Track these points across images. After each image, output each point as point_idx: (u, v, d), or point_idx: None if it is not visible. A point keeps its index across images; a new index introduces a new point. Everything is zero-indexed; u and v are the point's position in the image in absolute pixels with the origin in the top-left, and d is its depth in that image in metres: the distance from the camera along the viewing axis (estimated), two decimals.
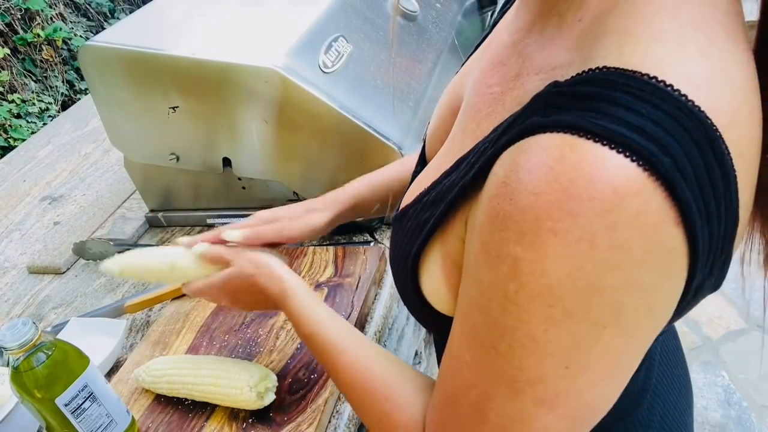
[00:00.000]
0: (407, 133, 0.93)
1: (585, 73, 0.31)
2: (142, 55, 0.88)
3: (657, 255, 0.29)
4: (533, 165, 0.30)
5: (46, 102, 3.17)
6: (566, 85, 0.32)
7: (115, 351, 0.81)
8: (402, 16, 1.12)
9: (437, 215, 0.40)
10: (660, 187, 0.28)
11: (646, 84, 0.29)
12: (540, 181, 0.29)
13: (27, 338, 0.57)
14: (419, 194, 0.45)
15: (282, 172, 0.97)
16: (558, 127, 0.30)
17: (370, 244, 0.95)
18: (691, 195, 0.28)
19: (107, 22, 3.76)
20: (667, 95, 0.29)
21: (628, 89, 0.29)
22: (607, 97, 0.29)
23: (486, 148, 0.37)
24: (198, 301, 0.88)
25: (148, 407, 0.71)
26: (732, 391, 1.80)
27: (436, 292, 0.42)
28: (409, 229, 0.44)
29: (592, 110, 0.29)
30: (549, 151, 0.30)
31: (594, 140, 0.28)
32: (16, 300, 1.01)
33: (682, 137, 0.28)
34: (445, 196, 0.40)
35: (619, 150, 0.28)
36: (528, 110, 0.34)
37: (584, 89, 0.31)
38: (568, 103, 0.31)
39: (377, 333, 0.82)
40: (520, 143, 0.32)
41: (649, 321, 0.32)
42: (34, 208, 1.28)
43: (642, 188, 0.28)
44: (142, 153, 1.02)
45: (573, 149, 0.29)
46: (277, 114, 0.88)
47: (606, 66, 0.30)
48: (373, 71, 0.97)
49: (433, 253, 0.42)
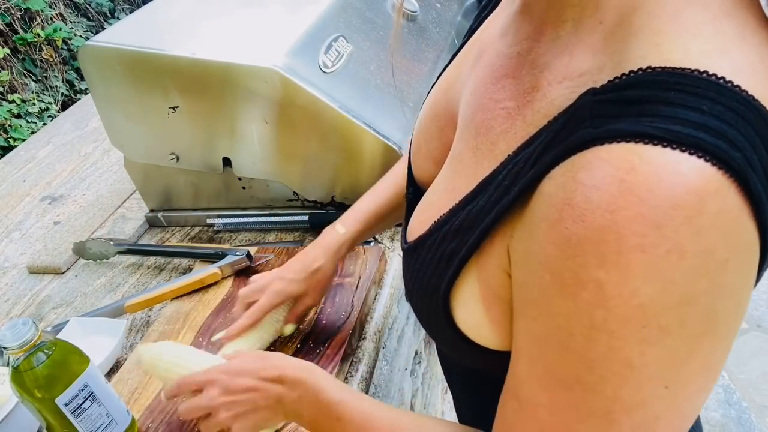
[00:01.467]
0: (407, 133, 0.93)
1: (625, 76, 0.30)
2: (142, 55, 0.88)
3: (738, 252, 0.28)
4: (600, 180, 0.28)
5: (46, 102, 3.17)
6: (608, 91, 0.31)
7: (115, 351, 0.81)
8: (402, 16, 1.12)
9: (470, 244, 0.38)
10: (734, 183, 0.27)
11: (699, 79, 0.28)
12: (613, 196, 0.28)
13: (27, 338, 0.57)
14: (436, 222, 0.42)
15: (282, 172, 0.97)
16: (616, 136, 0.28)
17: (370, 244, 0.95)
18: (761, 187, 0.28)
19: (107, 22, 3.76)
20: (722, 88, 0.28)
21: (680, 87, 0.28)
22: (661, 98, 0.28)
23: (522, 168, 0.35)
24: (198, 300, 0.88)
25: (148, 407, 0.71)
26: (732, 391, 1.80)
27: (475, 325, 0.40)
28: (431, 260, 0.41)
29: (648, 114, 0.28)
30: (615, 164, 0.28)
31: (662, 145, 0.27)
32: (16, 300, 1.01)
33: (746, 129, 0.27)
34: (475, 222, 0.38)
35: (690, 152, 0.27)
36: (571, 122, 0.32)
37: (632, 93, 0.29)
38: (618, 111, 0.29)
39: (377, 333, 0.82)
40: (574, 159, 0.30)
41: (738, 319, 0.31)
42: (34, 208, 1.28)
43: (719, 187, 0.27)
44: (142, 153, 1.02)
45: (641, 158, 0.27)
46: (277, 114, 0.89)
47: (650, 66, 0.29)
48: (373, 71, 0.97)
49: (467, 284, 0.39)
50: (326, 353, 0.73)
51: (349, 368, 0.76)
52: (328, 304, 0.81)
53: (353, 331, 0.77)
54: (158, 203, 1.12)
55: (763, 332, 1.96)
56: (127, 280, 1.00)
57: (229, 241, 1.04)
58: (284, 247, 0.96)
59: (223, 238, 1.06)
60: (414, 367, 1.14)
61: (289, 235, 1.03)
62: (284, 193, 1.01)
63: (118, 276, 1.01)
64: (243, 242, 1.03)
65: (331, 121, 0.87)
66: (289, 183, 0.99)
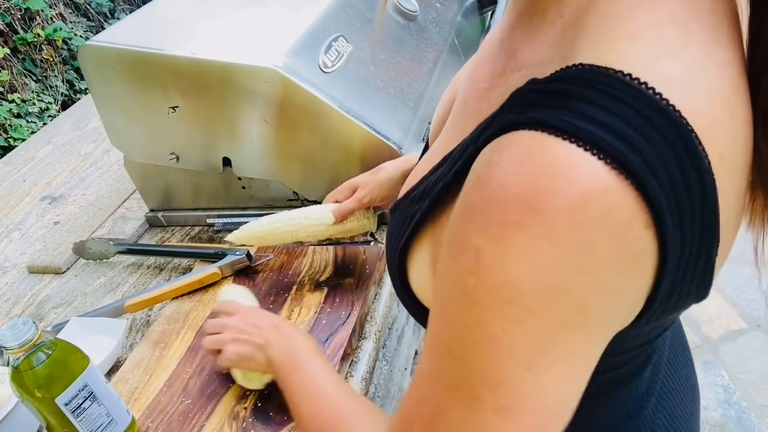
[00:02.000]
0: (407, 132, 0.93)
1: (562, 71, 0.31)
2: (142, 55, 0.88)
3: (623, 255, 0.28)
4: (504, 159, 0.30)
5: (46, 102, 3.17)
6: (543, 83, 0.32)
7: (115, 351, 0.81)
8: (402, 15, 1.13)
9: (423, 210, 0.40)
10: (630, 187, 0.27)
11: (618, 81, 0.28)
12: (508, 174, 0.29)
13: (27, 338, 0.57)
14: (409, 189, 0.45)
15: (282, 172, 0.97)
16: (530, 124, 0.29)
17: (370, 244, 0.95)
18: (663, 196, 0.28)
19: (107, 22, 3.76)
20: (639, 93, 0.28)
21: (599, 86, 0.29)
22: (578, 94, 0.29)
23: (468, 145, 0.37)
24: (198, 300, 0.88)
25: (148, 407, 0.71)
26: (732, 391, 1.80)
27: (422, 286, 0.42)
28: (399, 222, 0.44)
29: (564, 107, 0.29)
30: (519, 147, 0.29)
31: (562, 138, 0.28)
32: (16, 300, 1.01)
33: (654, 136, 0.28)
34: (431, 191, 0.40)
35: (586, 148, 0.27)
36: (506, 107, 0.34)
37: (557, 86, 0.30)
38: (542, 100, 0.30)
39: (377, 333, 0.82)
40: (497, 140, 0.31)
41: (608, 319, 0.31)
42: (34, 208, 1.28)
43: (609, 187, 0.27)
44: (142, 153, 1.02)
45: (541, 146, 0.28)
46: (277, 114, 0.89)
47: (582, 63, 0.30)
48: (373, 71, 0.97)
49: (422, 248, 0.41)
50: (326, 353, 0.73)
51: (349, 368, 0.76)
52: (328, 304, 0.81)
53: (353, 331, 0.77)
54: (158, 203, 1.12)
55: (763, 332, 1.96)
56: (127, 280, 1.00)
57: None
58: (284, 247, 0.96)
59: (223, 238, 1.06)
60: (414, 367, 1.14)
61: None
62: (284, 193, 1.01)
63: (118, 276, 1.01)
64: None
65: (331, 121, 0.87)
66: (289, 183, 0.99)
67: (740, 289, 2.06)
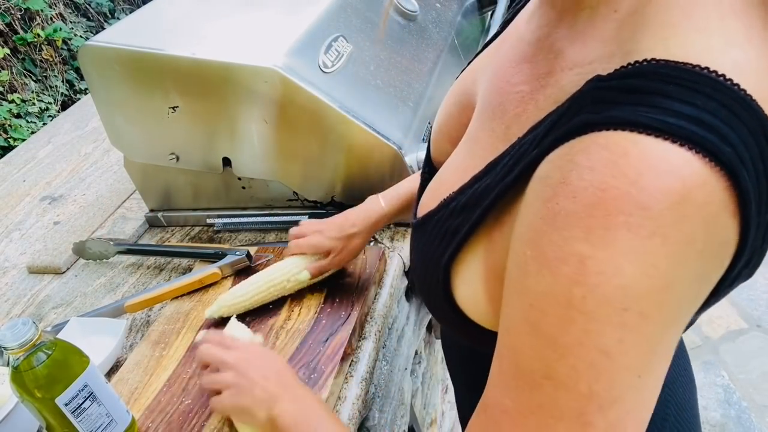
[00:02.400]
0: (407, 133, 0.93)
1: (631, 66, 0.31)
2: (142, 55, 0.88)
3: (713, 246, 0.29)
4: (595, 162, 0.29)
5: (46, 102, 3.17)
6: (612, 79, 0.31)
7: (115, 351, 0.81)
8: (402, 15, 1.12)
9: (473, 221, 0.38)
10: (723, 178, 0.27)
11: (698, 75, 0.29)
12: (605, 176, 0.28)
13: (27, 338, 0.57)
14: (445, 199, 0.43)
15: (282, 172, 0.97)
16: (613, 123, 0.29)
17: (369, 243, 0.95)
18: (751, 184, 0.28)
19: (107, 22, 3.76)
20: (720, 85, 0.28)
21: (679, 81, 0.29)
22: (660, 89, 0.29)
23: (526, 149, 0.35)
24: (198, 300, 0.88)
25: (148, 407, 0.71)
26: (732, 391, 1.80)
27: (474, 303, 0.41)
28: (436, 236, 0.42)
29: (645, 104, 0.29)
30: (610, 148, 0.29)
31: (655, 135, 0.28)
32: (16, 300, 1.01)
33: (739, 126, 0.28)
34: (480, 200, 0.38)
35: (681, 143, 0.27)
36: (573, 108, 0.33)
37: (633, 82, 0.30)
38: (618, 98, 0.30)
39: (377, 333, 0.82)
40: (573, 143, 0.31)
41: (693, 310, 0.31)
42: (34, 208, 1.28)
43: (707, 179, 0.27)
44: (142, 153, 1.02)
45: (635, 145, 0.28)
46: (277, 114, 0.89)
47: (654, 58, 0.30)
48: (373, 71, 0.97)
49: (470, 261, 0.40)
50: (326, 353, 0.73)
51: (349, 368, 0.76)
52: (328, 304, 0.81)
53: (353, 331, 0.77)
54: (158, 203, 1.12)
55: (763, 332, 1.96)
56: (127, 280, 1.00)
57: (229, 241, 1.04)
58: (284, 247, 0.96)
59: (223, 238, 1.06)
60: (414, 367, 1.14)
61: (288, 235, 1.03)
62: (284, 193, 1.01)
63: (118, 276, 1.01)
64: (243, 242, 1.03)
65: (331, 121, 0.87)
66: (289, 183, 0.99)
67: (740, 289, 2.06)
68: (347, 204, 0.98)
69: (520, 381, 0.31)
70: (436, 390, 1.38)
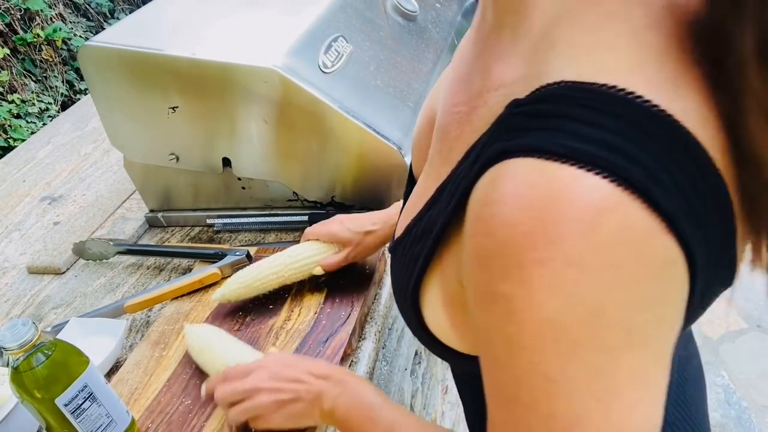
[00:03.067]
0: (407, 133, 0.93)
1: (542, 89, 0.30)
2: (142, 55, 0.88)
3: (653, 267, 0.28)
4: (505, 195, 0.28)
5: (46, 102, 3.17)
6: (525, 104, 0.31)
7: (115, 351, 0.81)
8: (402, 16, 1.12)
9: (426, 251, 0.39)
10: (638, 200, 0.26)
11: (604, 95, 0.28)
12: (513, 210, 0.28)
13: (27, 338, 0.57)
14: (408, 225, 0.43)
15: (282, 172, 0.97)
16: (523, 151, 0.28)
17: None
18: (674, 202, 0.27)
19: (107, 22, 3.76)
20: (629, 103, 0.27)
21: (586, 103, 0.28)
22: (566, 113, 0.28)
23: (461, 177, 0.35)
24: (198, 301, 0.88)
25: (148, 407, 0.71)
26: (732, 391, 1.80)
27: (440, 327, 0.41)
28: (403, 263, 0.42)
29: (553, 129, 0.28)
30: (517, 178, 0.28)
31: (561, 161, 0.27)
32: (15, 300, 1.01)
33: (650, 145, 0.27)
34: (431, 230, 0.38)
35: (588, 168, 0.26)
36: (494, 134, 0.32)
37: (542, 107, 0.29)
38: (528, 123, 0.29)
39: (377, 333, 0.82)
40: (489, 172, 0.30)
41: (663, 332, 0.30)
42: (34, 208, 1.28)
43: (618, 203, 0.26)
44: (141, 153, 1.02)
45: (541, 173, 0.27)
46: (277, 114, 0.88)
47: (563, 80, 0.29)
48: (373, 71, 0.97)
49: (431, 287, 0.40)
50: (326, 353, 0.73)
51: (349, 368, 0.76)
52: (328, 304, 0.81)
53: (353, 332, 0.77)
54: (158, 203, 1.12)
55: (763, 332, 1.96)
56: (126, 281, 1.00)
57: (229, 242, 1.04)
58: (284, 247, 0.96)
59: (223, 239, 1.06)
60: (414, 368, 1.14)
61: (289, 235, 1.03)
62: (284, 193, 1.01)
63: (117, 276, 1.01)
64: (243, 242, 1.03)
65: (331, 121, 0.87)
66: (289, 183, 0.98)
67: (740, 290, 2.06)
68: (347, 204, 0.98)
69: (499, 400, 0.33)
70: (436, 390, 1.38)
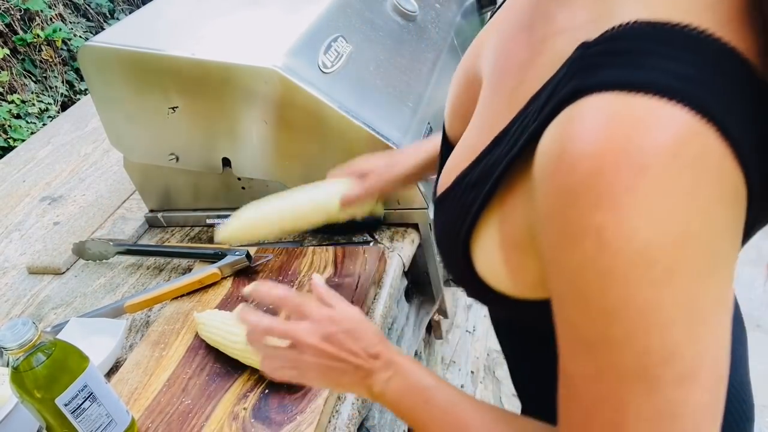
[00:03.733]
0: (406, 133, 0.93)
1: (615, 29, 0.31)
2: (142, 55, 0.88)
3: (728, 192, 0.29)
4: (588, 129, 0.29)
5: (46, 102, 3.17)
6: (599, 44, 0.32)
7: (114, 351, 0.81)
8: (401, 16, 1.12)
9: (484, 194, 0.39)
10: (713, 128, 0.28)
11: (679, 33, 0.30)
12: (599, 142, 0.29)
13: (27, 338, 0.57)
14: (458, 176, 0.44)
15: (282, 172, 0.97)
16: (601, 87, 0.30)
17: (369, 244, 0.95)
18: (743, 133, 0.29)
19: (107, 23, 3.76)
20: (702, 40, 0.29)
21: (661, 39, 0.30)
22: (642, 49, 0.30)
23: (529, 121, 0.36)
24: (198, 301, 0.88)
25: (148, 407, 0.71)
26: None
27: (494, 272, 0.41)
28: (453, 212, 0.43)
29: (632, 65, 0.30)
30: (599, 112, 0.29)
31: (642, 93, 0.29)
32: (16, 300, 1.01)
33: (722, 78, 0.29)
34: (489, 174, 0.39)
35: (668, 99, 0.28)
36: (566, 76, 0.33)
37: (619, 45, 0.31)
38: (605, 62, 0.31)
39: None
40: (565, 112, 0.31)
41: (735, 256, 0.32)
42: (34, 208, 1.28)
43: (698, 131, 0.28)
44: (141, 153, 1.02)
45: (623, 105, 0.29)
46: (277, 114, 0.89)
47: (637, 20, 0.31)
48: (373, 71, 0.97)
49: (486, 232, 0.40)
50: None
51: None
52: None
53: None
54: (158, 203, 1.12)
55: (763, 332, 1.96)
56: (126, 281, 1.00)
57: None
58: (284, 247, 0.96)
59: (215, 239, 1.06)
60: None
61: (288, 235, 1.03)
62: None
63: (117, 276, 1.01)
64: None
65: (331, 121, 0.87)
66: (289, 183, 0.98)
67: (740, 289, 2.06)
68: None
69: (582, 348, 0.33)
70: None
